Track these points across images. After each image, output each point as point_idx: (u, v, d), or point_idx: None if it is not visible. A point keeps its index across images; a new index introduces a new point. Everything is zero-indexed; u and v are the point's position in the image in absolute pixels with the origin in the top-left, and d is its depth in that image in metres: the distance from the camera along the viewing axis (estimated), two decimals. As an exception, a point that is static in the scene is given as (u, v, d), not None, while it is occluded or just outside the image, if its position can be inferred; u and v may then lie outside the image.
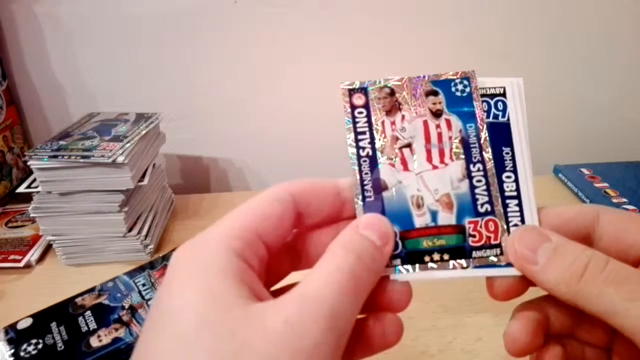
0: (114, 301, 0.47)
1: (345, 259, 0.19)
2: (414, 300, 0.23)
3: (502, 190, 0.24)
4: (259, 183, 0.82)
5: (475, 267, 0.23)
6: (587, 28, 0.71)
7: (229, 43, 0.70)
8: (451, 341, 0.43)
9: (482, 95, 0.25)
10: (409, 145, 0.24)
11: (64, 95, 0.73)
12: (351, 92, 0.25)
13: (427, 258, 0.23)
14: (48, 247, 0.59)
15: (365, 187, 0.24)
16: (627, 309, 0.19)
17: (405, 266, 0.23)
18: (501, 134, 0.25)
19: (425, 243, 0.23)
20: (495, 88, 0.26)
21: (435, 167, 0.24)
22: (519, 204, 0.23)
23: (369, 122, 0.25)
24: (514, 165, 0.24)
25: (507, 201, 0.24)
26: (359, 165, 0.24)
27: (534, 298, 0.24)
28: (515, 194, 0.24)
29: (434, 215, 0.23)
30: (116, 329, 0.43)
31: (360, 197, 0.23)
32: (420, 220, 0.23)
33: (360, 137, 0.24)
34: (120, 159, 0.51)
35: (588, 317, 0.21)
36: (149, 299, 0.46)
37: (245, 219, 0.21)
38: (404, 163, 0.24)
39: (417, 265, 0.23)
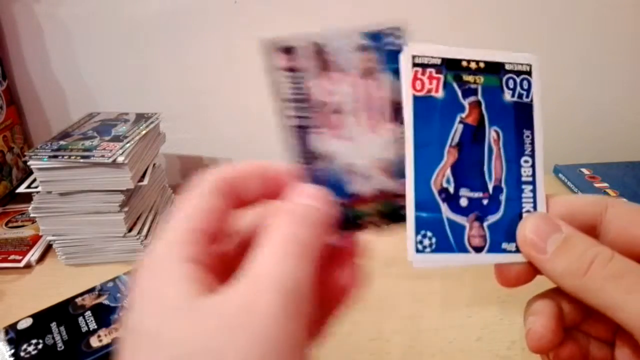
0: (114, 301, 0.47)
1: (286, 224, 0.19)
2: (414, 301, 0.23)
3: (519, 175, 0.23)
4: (259, 183, 0.82)
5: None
6: (587, 28, 0.71)
7: (229, 43, 0.70)
8: (451, 341, 0.43)
9: (508, 72, 0.24)
10: (338, 111, 0.22)
11: (64, 95, 0.73)
12: (275, 51, 0.22)
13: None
14: (48, 247, 0.59)
15: (298, 159, 0.22)
16: (625, 302, 0.19)
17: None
18: (524, 115, 0.23)
19: (360, 209, 0.22)
20: (522, 65, 0.24)
21: (368, 133, 0.22)
22: (533, 190, 0.23)
23: (297, 86, 0.23)
24: (533, 150, 0.23)
25: (523, 186, 0.23)
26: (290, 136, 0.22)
27: (545, 290, 0.24)
28: (531, 179, 0.23)
29: (368, 180, 0.22)
30: (116, 329, 0.43)
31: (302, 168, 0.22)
32: (354, 187, 0.22)
33: (287, 104, 0.22)
34: (120, 159, 0.51)
35: (594, 311, 0.21)
36: (149, 299, 0.46)
37: (185, 220, 0.20)
38: (335, 129, 0.22)
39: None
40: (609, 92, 0.76)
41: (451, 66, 0.23)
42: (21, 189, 0.53)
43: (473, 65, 0.23)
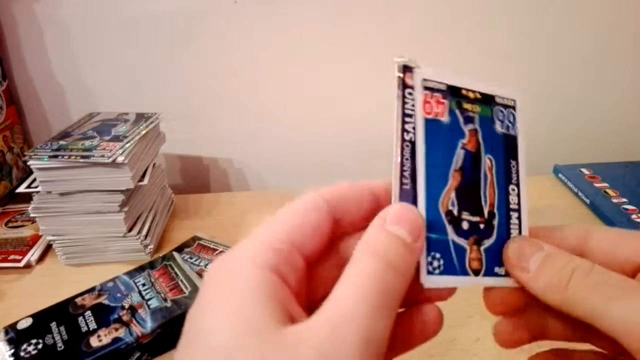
0: (114, 301, 0.47)
1: (373, 267, 0.18)
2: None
3: (507, 202, 0.24)
4: (259, 183, 0.82)
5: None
6: (588, 28, 0.71)
7: (229, 43, 0.70)
8: (451, 341, 0.43)
9: (498, 104, 0.25)
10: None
11: (64, 95, 0.73)
12: (406, 69, 0.22)
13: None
14: (48, 247, 0.59)
15: (404, 174, 0.22)
16: (608, 309, 0.19)
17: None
18: (510, 146, 0.25)
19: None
20: (507, 100, 0.25)
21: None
22: (519, 217, 0.24)
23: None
24: (518, 179, 0.25)
25: (511, 213, 0.24)
26: (402, 149, 0.22)
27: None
28: (517, 207, 0.24)
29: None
30: (116, 329, 0.43)
31: (398, 185, 0.21)
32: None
33: (407, 119, 0.22)
34: (120, 159, 0.51)
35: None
36: (149, 299, 0.46)
37: (279, 230, 0.20)
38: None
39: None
40: (609, 92, 0.76)
41: (454, 93, 0.23)
42: (21, 189, 0.53)
43: (471, 94, 0.24)
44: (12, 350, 0.41)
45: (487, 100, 0.24)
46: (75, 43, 0.70)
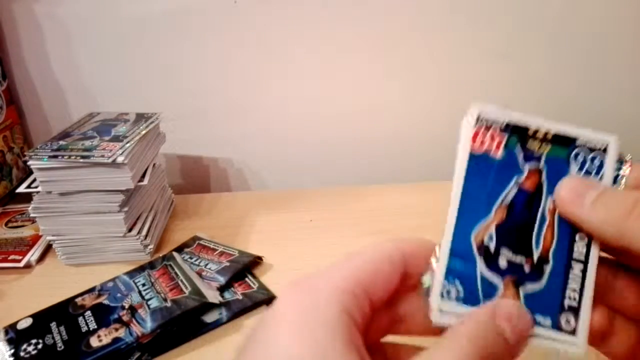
0: (114, 301, 0.47)
1: (468, 353, 0.18)
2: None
3: (570, 251, 0.22)
4: (259, 183, 0.82)
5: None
6: (588, 28, 0.71)
7: (229, 43, 0.70)
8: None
9: (579, 146, 0.24)
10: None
11: (64, 95, 0.73)
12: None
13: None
14: (48, 247, 0.59)
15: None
16: None
17: None
18: None
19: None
20: (596, 142, 0.25)
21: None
22: (584, 270, 0.22)
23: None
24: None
25: (573, 263, 0.22)
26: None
27: None
28: (583, 258, 0.22)
29: None
30: (116, 329, 0.43)
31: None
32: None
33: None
34: (120, 159, 0.51)
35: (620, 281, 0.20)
36: (149, 299, 0.46)
37: (356, 272, 0.20)
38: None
39: None
40: (609, 92, 0.76)
41: (516, 131, 0.23)
42: (21, 189, 0.53)
43: (541, 134, 0.23)
44: (12, 350, 0.41)
45: (563, 141, 0.23)
46: (75, 43, 0.70)
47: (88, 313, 0.45)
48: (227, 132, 0.77)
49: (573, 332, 0.21)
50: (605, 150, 0.24)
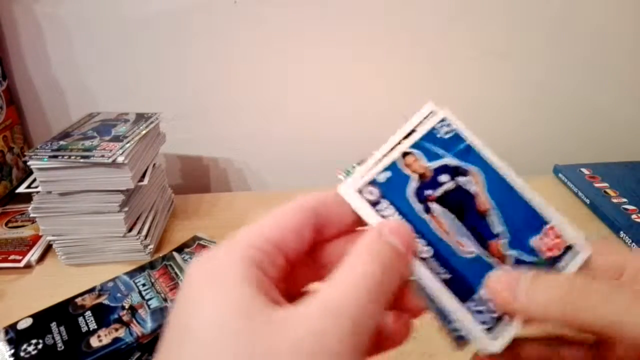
0: (114, 301, 0.47)
1: (369, 266, 0.19)
2: (414, 300, 0.23)
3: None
4: (258, 183, 0.82)
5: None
6: (587, 28, 0.71)
7: (229, 43, 0.70)
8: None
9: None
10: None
11: (64, 95, 0.73)
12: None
13: None
14: (48, 247, 0.59)
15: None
16: (631, 312, 0.19)
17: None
18: None
19: None
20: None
21: None
22: None
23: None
24: None
25: None
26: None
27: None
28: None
29: None
30: (116, 329, 0.43)
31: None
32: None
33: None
34: (120, 159, 0.51)
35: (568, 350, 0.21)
36: (149, 299, 0.46)
37: (263, 229, 0.21)
38: None
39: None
40: (609, 92, 0.76)
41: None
42: (21, 189, 0.53)
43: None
44: (12, 350, 0.41)
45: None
46: (75, 43, 0.70)
47: (88, 313, 0.45)
48: (227, 132, 0.77)
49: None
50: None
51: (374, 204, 0.23)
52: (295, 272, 0.22)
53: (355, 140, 0.78)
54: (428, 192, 0.23)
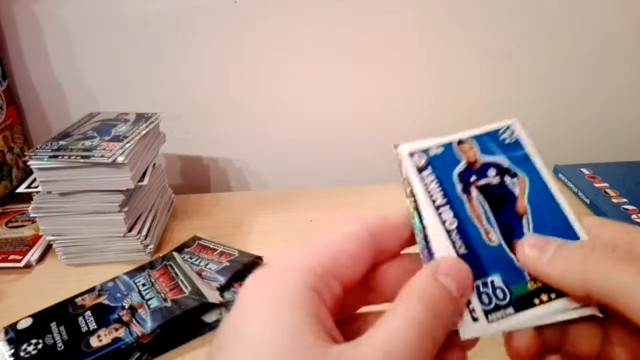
0: (114, 301, 0.47)
1: (422, 313, 0.19)
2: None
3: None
4: (259, 183, 0.82)
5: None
6: (588, 28, 0.71)
7: (229, 43, 0.70)
8: (451, 341, 0.43)
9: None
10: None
11: (64, 95, 0.73)
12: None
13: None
14: (48, 247, 0.59)
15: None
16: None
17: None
18: None
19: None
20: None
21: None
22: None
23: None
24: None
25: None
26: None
27: None
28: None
29: None
30: (116, 329, 0.43)
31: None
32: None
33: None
34: (120, 159, 0.51)
35: (575, 327, 0.21)
36: (149, 299, 0.46)
37: (322, 255, 0.20)
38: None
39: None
40: (609, 93, 0.76)
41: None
42: (21, 189, 0.53)
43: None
44: (12, 350, 0.41)
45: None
46: (75, 43, 0.70)
47: (88, 313, 0.45)
48: (227, 132, 0.77)
49: None
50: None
51: (421, 169, 0.24)
52: (348, 297, 0.22)
53: (355, 140, 0.78)
54: (473, 177, 0.24)
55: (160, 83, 0.73)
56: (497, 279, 0.22)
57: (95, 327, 0.43)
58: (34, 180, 0.53)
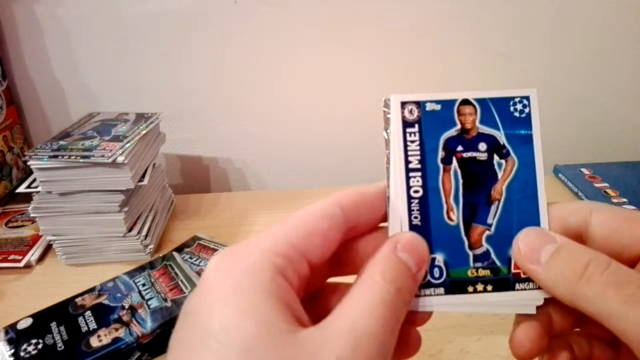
0: (114, 301, 0.47)
1: (387, 291, 0.19)
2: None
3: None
4: (258, 183, 0.82)
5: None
6: (588, 29, 0.71)
7: (229, 43, 0.70)
8: (451, 341, 0.43)
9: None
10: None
11: (64, 95, 0.73)
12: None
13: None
14: (48, 247, 0.59)
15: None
16: (625, 313, 0.18)
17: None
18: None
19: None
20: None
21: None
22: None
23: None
24: None
25: None
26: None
27: None
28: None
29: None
30: (116, 329, 0.43)
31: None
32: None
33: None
34: (120, 159, 0.51)
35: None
36: (149, 299, 0.46)
37: (289, 235, 0.20)
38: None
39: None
40: (609, 92, 0.76)
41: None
42: (21, 189, 0.53)
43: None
44: (12, 350, 0.41)
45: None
46: (75, 43, 0.70)
47: (88, 313, 0.45)
48: (227, 132, 0.77)
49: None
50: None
51: (407, 124, 0.23)
52: (314, 274, 0.22)
53: (355, 140, 0.78)
54: (459, 147, 0.22)
55: (160, 83, 0.73)
56: (439, 257, 0.22)
57: (95, 327, 0.43)
58: (34, 180, 0.53)
